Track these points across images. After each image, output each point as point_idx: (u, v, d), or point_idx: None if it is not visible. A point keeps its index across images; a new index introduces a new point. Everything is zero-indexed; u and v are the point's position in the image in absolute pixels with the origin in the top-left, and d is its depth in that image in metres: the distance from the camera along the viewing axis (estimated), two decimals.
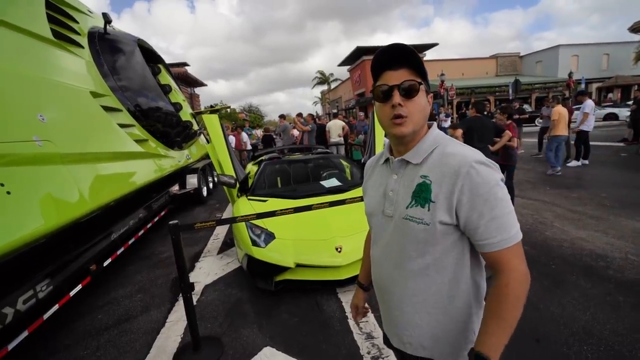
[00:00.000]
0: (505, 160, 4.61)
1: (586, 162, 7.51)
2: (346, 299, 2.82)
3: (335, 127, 9.03)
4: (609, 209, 4.49)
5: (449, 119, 13.95)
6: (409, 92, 0.83)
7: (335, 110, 30.22)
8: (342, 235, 2.87)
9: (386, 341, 1.10)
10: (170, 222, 2.11)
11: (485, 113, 7.83)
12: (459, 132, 4.36)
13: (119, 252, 3.49)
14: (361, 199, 3.20)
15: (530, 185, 6.14)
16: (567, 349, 2.05)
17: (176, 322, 2.68)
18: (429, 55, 29.31)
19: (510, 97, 15.94)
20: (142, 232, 4.25)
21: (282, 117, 10.40)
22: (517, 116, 6.33)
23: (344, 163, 4.80)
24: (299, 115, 9.44)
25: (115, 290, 3.36)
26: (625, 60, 26.95)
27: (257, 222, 3.03)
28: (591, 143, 7.67)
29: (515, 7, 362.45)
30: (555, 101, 8.09)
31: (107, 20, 4.92)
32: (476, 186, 0.76)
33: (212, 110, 11.39)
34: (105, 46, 4.66)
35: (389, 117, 0.84)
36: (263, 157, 5.21)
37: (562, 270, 3.00)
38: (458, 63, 30.31)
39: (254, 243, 2.93)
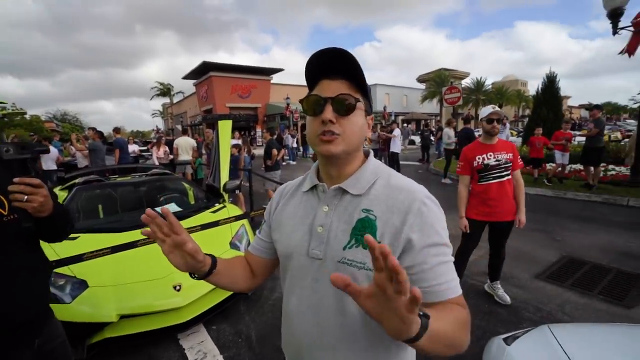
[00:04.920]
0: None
1: None
2: (189, 344, 2.43)
3: (186, 145, 8.33)
4: None
5: (295, 139, 15.05)
6: (343, 108, 0.70)
7: (179, 126, 27.90)
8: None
9: None
10: None
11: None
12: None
13: None
14: (202, 227, 2.87)
15: None
16: None
17: None
18: (275, 79, 31.12)
19: None
20: None
21: (92, 129, 8.79)
22: None
23: (185, 185, 4.31)
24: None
25: None
26: (416, 101, 36.26)
27: (61, 269, 2.27)
28: (401, 162, 9.77)
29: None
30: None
31: None
32: (429, 225, 0.68)
33: None
34: None
35: (317, 132, 0.71)
36: (76, 180, 4.09)
37: None
38: (302, 89, 33.36)
39: (55, 299, 2.17)
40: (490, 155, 2.59)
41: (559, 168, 7.40)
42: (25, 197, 0.97)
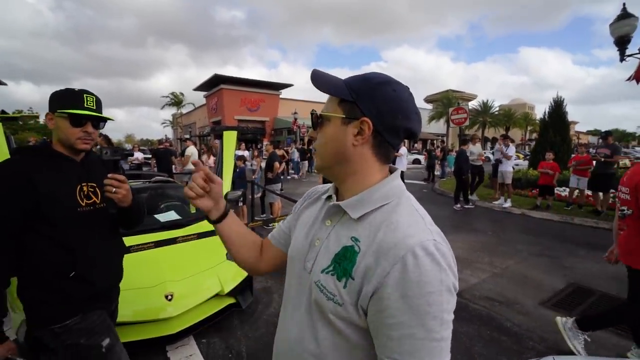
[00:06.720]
0: None
1: None
2: (177, 357, 2.35)
3: (195, 154, 8.69)
4: None
5: (299, 153, 15.10)
6: (313, 124, 0.73)
7: (187, 136, 28.26)
8: (174, 280, 2.41)
9: None
10: None
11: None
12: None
13: None
14: (199, 236, 2.82)
15: None
16: None
17: None
18: (284, 93, 31.58)
19: None
20: None
21: (102, 135, 8.83)
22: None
23: None
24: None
25: None
26: (423, 121, 36.60)
27: None
28: (406, 181, 9.71)
29: (344, 67, 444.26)
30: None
31: None
32: (408, 283, 0.53)
33: (3, 117, 8.53)
34: None
35: None
36: None
37: None
38: (309, 104, 33.85)
39: None
40: None
41: (575, 193, 7.17)
42: (114, 189, 1.24)
